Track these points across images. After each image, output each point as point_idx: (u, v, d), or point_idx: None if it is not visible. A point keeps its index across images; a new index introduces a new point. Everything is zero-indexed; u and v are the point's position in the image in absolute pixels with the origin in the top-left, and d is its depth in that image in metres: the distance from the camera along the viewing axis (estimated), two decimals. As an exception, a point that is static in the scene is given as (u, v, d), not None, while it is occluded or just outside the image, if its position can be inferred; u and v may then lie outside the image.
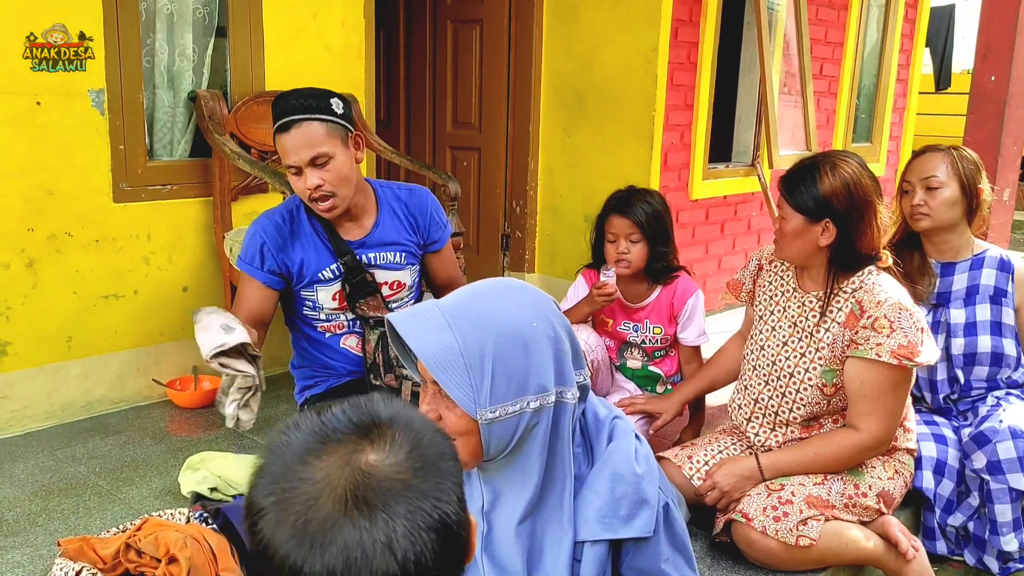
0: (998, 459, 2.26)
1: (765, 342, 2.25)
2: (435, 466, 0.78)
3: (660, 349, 2.70)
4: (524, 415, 1.26)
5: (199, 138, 3.18)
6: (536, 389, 1.26)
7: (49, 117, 2.77)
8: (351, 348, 2.36)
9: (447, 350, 1.21)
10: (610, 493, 1.34)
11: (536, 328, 1.27)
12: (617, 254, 2.56)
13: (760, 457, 2.14)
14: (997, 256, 2.53)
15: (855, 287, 2.10)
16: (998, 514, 2.28)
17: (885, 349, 1.99)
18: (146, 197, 3.04)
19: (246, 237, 2.31)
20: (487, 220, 4.66)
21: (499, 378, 1.23)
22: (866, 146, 5.90)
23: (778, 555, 2.02)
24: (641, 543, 1.35)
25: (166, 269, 3.12)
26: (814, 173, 2.08)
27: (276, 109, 2.16)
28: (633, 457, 1.36)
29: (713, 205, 4.55)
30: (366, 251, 2.33)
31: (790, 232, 2.12)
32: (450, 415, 1.26)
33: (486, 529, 1.37)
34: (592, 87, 4.21)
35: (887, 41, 5.79)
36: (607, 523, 1.33)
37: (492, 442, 1.26)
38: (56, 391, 2.91)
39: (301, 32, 3.36)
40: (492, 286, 1.32)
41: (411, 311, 1.28)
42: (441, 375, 1.22)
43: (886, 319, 2.01)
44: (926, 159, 2.53)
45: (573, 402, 1.32)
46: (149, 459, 2.68)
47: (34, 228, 2.79)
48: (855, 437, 2.07)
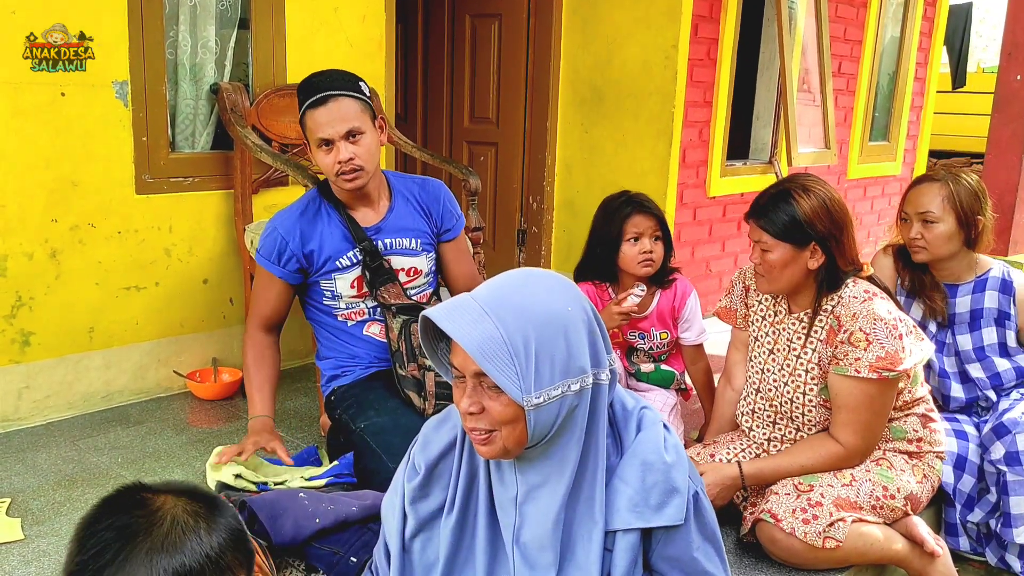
0: (1016, 450, 2.26)
1: (764, 364, 2.25)
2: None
3: (666, 352, 2.70)
4: (566, 398, 1.28)
5: (221, 130, 3.19)
6: (576, 372, 1.28)
7: (73, 109, 2.78)
8: (375, 335, 2.38)
9: (491, 339, 1.23)
10: (640, 482, 1.34)
11: (571, 312, 1.29)
12: (642, 254, 2.52)
13: (743, 465, 2.15)
14: (999, 277, 2.51)
15: (834, 303, 2.10)
16: (1012, 506, 2.28)
17: (863, 364, 2.00)
18: (168, 189, 3.04)
19: (265, 232, 2.34)
20: (503, 215, 4.66)
21: (543, 363, 1.25)
22: (883, 144, 5.87)
23: (801, 554, 2.02)
24: (672, 531, 1.35)
25: (187, 261, 3.13)
26: (788, 199, 2.06)
27: (307, 87, 2.21)
28: (662, 446, 1.37)
29: (731, 202, 4.54)
30: (382, 236, 2.36)
31: (778, 263, 2.08)
32: (495, 404, 1.27)
33: (519, 522, 1.38)
34: (611, 83, 4.20)
35: (905, 39, 5.76)
36: (638, 512, 1.34)
37: (537, 427, 1.27)
38: (78, 381, 2.93)
39: (322, 25, 3.36)
40: (523, 275, 1.34)
41: (447, 305, 1.29)
42: (487, 364, 1.23)
43: (862, 331, 2.01)
44: (922, 191, 2.48)
45: (606, 384, 1.34)
46: (171, 450, 2.69)
47: (57, 219, 2.80)
48: (834, 448, 2.09)
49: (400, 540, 1.48)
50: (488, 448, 1.32)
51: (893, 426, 2.18)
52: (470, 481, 1.43)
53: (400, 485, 1.50)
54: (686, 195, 4.25)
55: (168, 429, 2.85)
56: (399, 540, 1.48)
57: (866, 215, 5.83)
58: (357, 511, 1.95)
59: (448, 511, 1.44)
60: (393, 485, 1.53)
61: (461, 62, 4.72)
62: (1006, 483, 2.28)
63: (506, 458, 1.34)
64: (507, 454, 1.32)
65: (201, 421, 2.94)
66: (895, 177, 6.02)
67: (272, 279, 2.32)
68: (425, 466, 1.46)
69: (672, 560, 1.39)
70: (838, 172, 5.34)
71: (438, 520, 1.46)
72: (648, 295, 2.61)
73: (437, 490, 1.47)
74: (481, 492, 1.42)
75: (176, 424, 2.89)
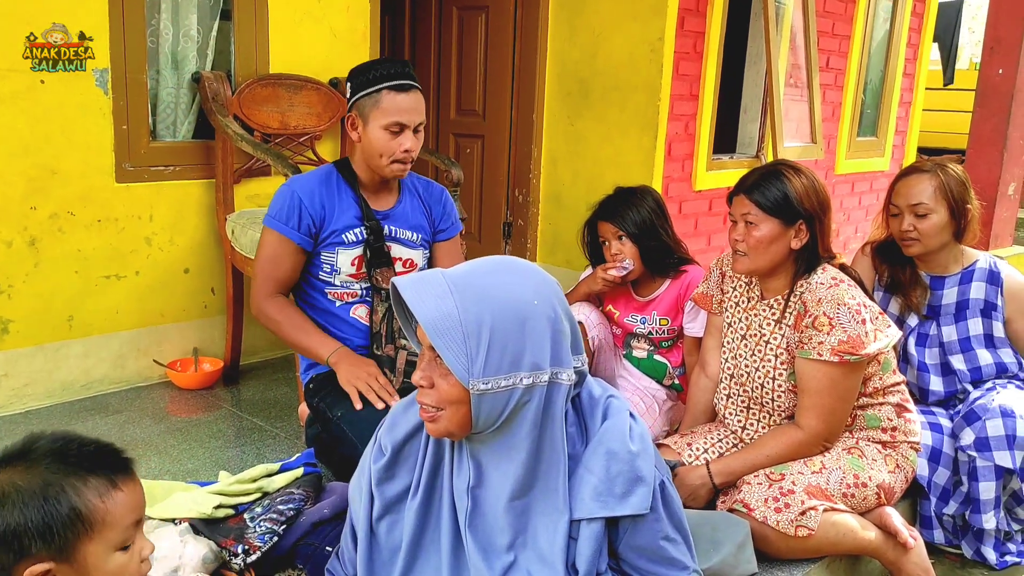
0: (986, 436, 2.28)
1: (737, 350, 2.27)
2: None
3: (667, 340, 2.69)
4: (516, 391, 1.27)
5: (202, 120, 3.17)
6: (530, 366, 1.28)
7: (53, 96, 2.76)
8: (360, 318, 2.38)
9: (446, 316, 1.24)
10: (605, 471, 1.34)
11: (536, 307, 1.28)
12: (611, 255, 2.60)
13: (710, 465, 2.16)
14: (986, 268, 2.52)
15: (803, 289, 2.12)
16: (981, 492, 2.29)
17: (826, 347, 2.02)
18: (149, 178, 3.03)
19: (280, 196, 2.31)
20: (489, 208, 4.65)
21: (494, 350, 1.25)
22: (871, 140, 5.88)
23: (774, 543, 2.02)
24: (638, 520, 1.35)
25: (168, 250, 3.12)
26: (780, 178, 2.11)
27: (382, 71, 2.23)
28: (628, 435, 1.37)
29: (717, 196, 4.54)
30: (389, 223, 2.40)
31: (765, 238, 2.11)
32: (443, 383, 1.28)
33: (471, 506, 1.38)
34: (597, 75, 4.20)
35: (895, 35, 5.76)
36: (602, 501, 1.33)
37: (481, 414, 1.27)
38: (57, 370, 2.92)
39: (306, 15, 3.35)
40: (499, 262, 1.35)
41: (417, 276, 1.30)
42: (438, 340, 1.24)
43: (825, 316, 2.04)
44: (912, 183, 2.48)
45: (568, 384, 1.33)
46: (149, 439, 2.68)
47: (36, 207, 2.79)
48: (797, 435, 2.11)
49: (368, 522, 1.48)
50: (433, 426, 1.33)
51: (867, 414, 2.19)
52: (435, 465, 1.43)
53: (367, 466, 1.50)
54: (672, 188, 4.25)
55: (147, 418, 2.84)
56: (367, 522, 1.48)
57: (854, 210, 5.83)
58: (328, 512, 1.97)
59: (413, 494, 1.44)
60: (360, 466, 1.53)
61: (448, 55, 4.71)
62: (975, 468, 2.29)
63: (451, 439, 1.35)
64: (451, 435, 1.33)
65: (181, 411, 2.93)
66: (883, 173, 6.03)
67: (285, 242, 2.30)
68: (391, 448, 1.47)
69: (639, 549, 1.39)
70: (826, 167, 5.34)
71: (404, 502, 1.46)
72: (654, 282, 2.65)
73: (403, 472, 1.47)
74: (445, 477, 1.42)
75: (155, 413, 2.89)
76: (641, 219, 2.56)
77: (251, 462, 2.53)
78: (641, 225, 2.55)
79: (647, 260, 2.59)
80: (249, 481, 2.15)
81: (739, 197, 2.17)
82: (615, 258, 2.59)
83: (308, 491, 2.06)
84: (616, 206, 2.59)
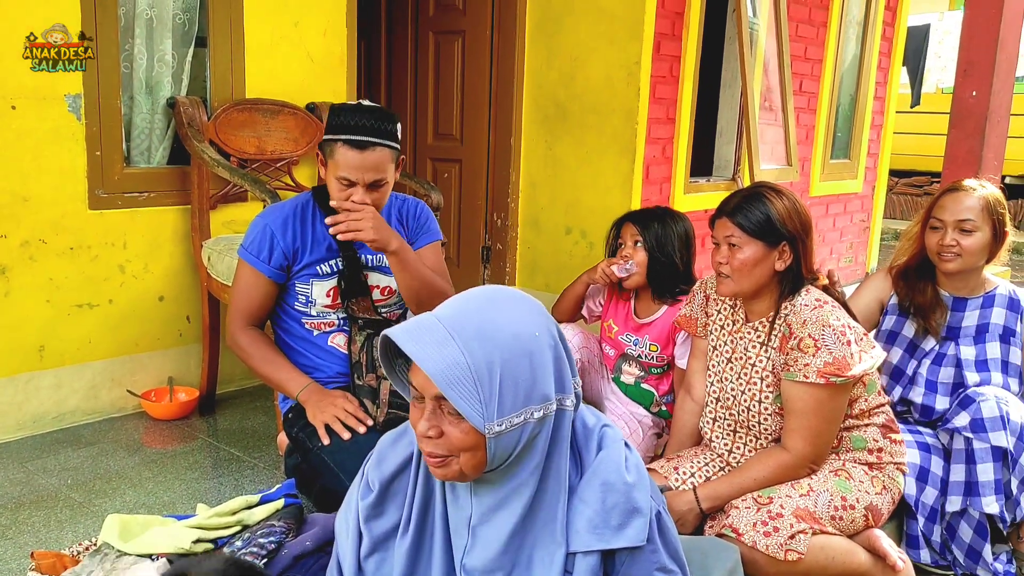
0: (981, 417, 2.27)
1: (723, 373, 2.26)
2: None
3: (657, 367, 2.68)
4: (528, 425, 1.24)
5: (178, 145, 3.14)
6: (540, 399, 1.25)
7: (24, 122, 2.72)
8: (338, 346, 2.35)
9: (455, 365, 1.19)
10: (601, 503, 1.31)
11: (539, 337, 1.25)
12: (621, 255, 2.61)
13: (698, 490, 2.14)
14: (1007, 294, 2.53)
15: (787, 311, 2.12)
16: (980, 474, 2.27)
17: (812, 369, 2.02)
18: (122, 204, 2.99)
19: (254, 228, 2.30)
20: (468, 233, 4.63)
21: (507, 391, 1.21)
22: (844, 162, 5.94)
23: (764, 568, 1.99)
24: (635, 552, 1.32)
25: (142, 278, 3.07)
26: (763, 200, 2.11)
27: (348, 120, 2.16)
28: (623, 466, 1.34)
29: (694, 219, 4.50)
30: (366, 251, 2.35)
31: (749, 261, 2.11)
32: (453, 430, 1.23)
33: (470, 544, 1.34)
34: (574, 99, 4.21)
35: (865, 59, 5.85)
36: (599, 533, 1.30)
37: (497, 454, 1.24)
38: (27, 401, 2.84)
39: (282, 40, 3.33)
40: (489, 295, 1.30)
41: (410, 325, 1.24)
42: (450, 391, 1.18)
43: (811, 338, 2.03)
44: (961, 198, 2.45)
45: (571, 409, 1.31)
46: (123, 471, 2.61)
47: (7, 235, 2.73)
48: (783, 457, 2.09)
49: (355, 560, 1.43)
50: (444, 471, 1.27)
51: (853, 435, 2.18)
52: (426, 501, 1.39)
53: (354, 503, 1.45)
54: (650, 211, 4.25)
55: (121, 450, 2.77)
56: (354, 560, 1.43)
57: (828, 232, 5.88)
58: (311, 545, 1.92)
59: (403, 532, 1.39)
60: (346, 502, 1.49)
61: (425, 79, 4.71)
62: (972, 451, 2.28)
63: (462, 481, 1.31)
64: (463, 478, 1.28)
65: (155, 442, 2.87)
66: (856, 195, 6.09)
67: (256, 275, 2.28)
68: (379, 483, 1.42)
69: None
70: (800, 189, 5.38)
71: (393, 540, 1.41)
72: (654, 305, 2.64)
73: (392, 509, 1.42)
74: (437, 513, 1.38)
75: (129, 445, 2.82)
76: (663, 235, 2.58)
77: (229, 494, 2.48)
78: (659, 239, 2.57)
79: (652, 276, 2.59)
80: (228, 514, 2.09)
81: (722, 220, 2.17)
82: (624, 259, 2.60)
83: (289, 523, 2.01)
84: (647, 217, 2.61)
